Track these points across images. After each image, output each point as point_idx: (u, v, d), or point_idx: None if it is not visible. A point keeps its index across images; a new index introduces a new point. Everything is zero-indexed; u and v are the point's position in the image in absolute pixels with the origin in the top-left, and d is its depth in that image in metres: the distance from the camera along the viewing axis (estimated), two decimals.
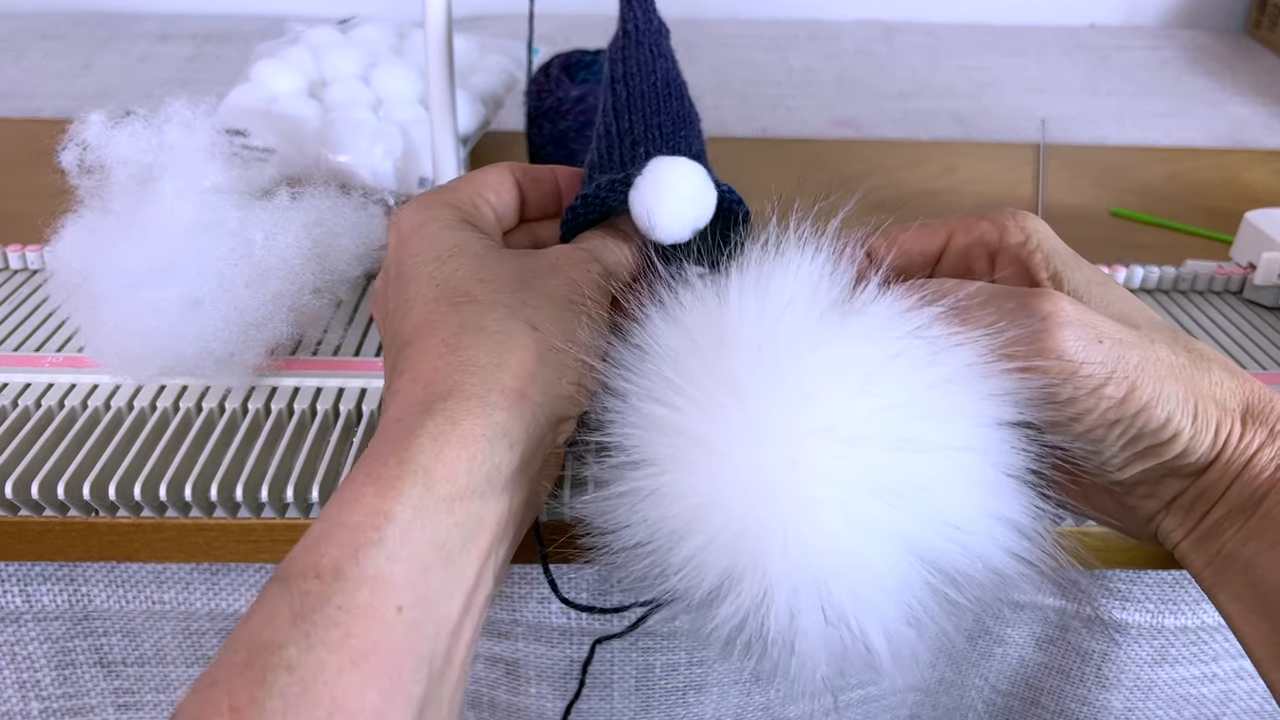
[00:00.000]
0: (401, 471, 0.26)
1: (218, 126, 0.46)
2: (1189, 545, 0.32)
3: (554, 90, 0.60)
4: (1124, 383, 0.28)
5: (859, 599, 0.26)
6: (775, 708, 0.50)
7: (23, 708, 0.47)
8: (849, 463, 0.26)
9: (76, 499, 0.38)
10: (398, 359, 0.31)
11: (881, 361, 0.27)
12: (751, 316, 0.28)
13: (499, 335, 0.29)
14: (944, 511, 0.26)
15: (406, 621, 0.25)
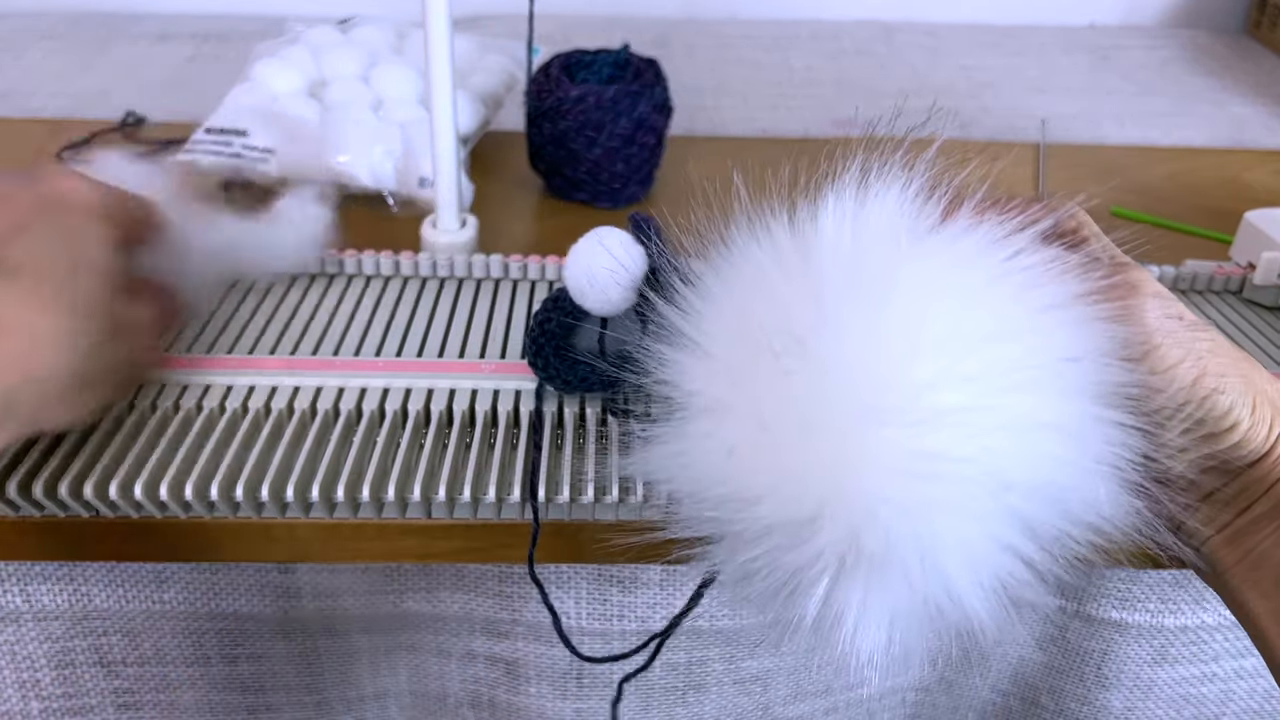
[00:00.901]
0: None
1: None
2: (1220, 541, 0.32)
3: (554, 90, 0.60)
4: (1196, 365, 0.28)
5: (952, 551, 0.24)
6: (775, 708, 0.50)
7: (23, 707, 0.47)
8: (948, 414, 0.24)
9: (78, 498, 0.38)
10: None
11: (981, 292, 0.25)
12: (842, 250, 0.25)
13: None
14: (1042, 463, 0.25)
15: None
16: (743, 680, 0.48)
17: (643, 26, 0.96)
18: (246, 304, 0.48)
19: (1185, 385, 0.28)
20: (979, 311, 0.25)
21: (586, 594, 0.45)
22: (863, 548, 0.24)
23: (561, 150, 0.61)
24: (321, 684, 0.48)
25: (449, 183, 0.52)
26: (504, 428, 0.41)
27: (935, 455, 0.24)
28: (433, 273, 0.51)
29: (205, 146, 0.62)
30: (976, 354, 0.25)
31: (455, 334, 0.46)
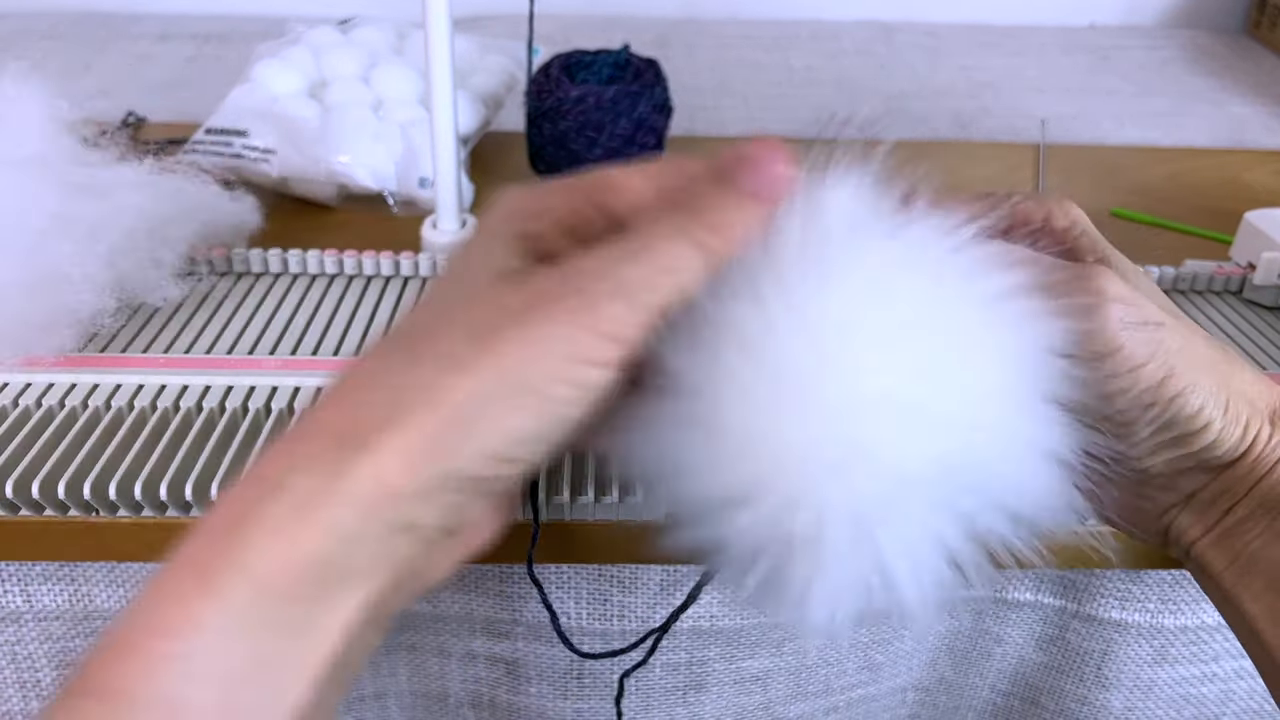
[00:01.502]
0: (227, 564, 0.22)
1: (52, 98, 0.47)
2: (1208, 543, 0.31)
3: (554, 90, 0.60)
4: (1163, 366, 0.28)
5: (895, 523, 0.24)
6: (776, 707, 0.50)
7: (23, 707, 0.47)
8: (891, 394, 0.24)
9: (77, 498, 0.38)
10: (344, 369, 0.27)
11: (924, 284, 0.25)
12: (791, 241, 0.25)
13: (395, 405, 0.23)
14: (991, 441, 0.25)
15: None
16: (743, 680, 0.48)
17: (643, 27, 0.96)
18: (246, 304, 0.48)
19: (1152, 385, 0.28)
20: (918, 302, 0.25)
21: (586, 594, 0.45)
22: (795, 529, 0.24)
23: (561, 151, 0.61)
24: None
25: (449, 183, 0.53)
26: None
27: (867, 443, 0.24)
28: (433, 273, 0.51)
29: (206, 147, 0.62)
30: (913, 344, 0.24)
31: None
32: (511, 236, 0.26)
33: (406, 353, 0.24)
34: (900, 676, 0.50)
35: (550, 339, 0.23)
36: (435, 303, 0.26)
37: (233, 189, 0.52)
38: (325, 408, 0.24)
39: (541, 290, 0.24)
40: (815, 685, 0.49)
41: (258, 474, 0.24)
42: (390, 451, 0.23)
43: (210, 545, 0.23)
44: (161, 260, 0.47)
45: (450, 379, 0.23)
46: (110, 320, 0.45)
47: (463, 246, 0.28)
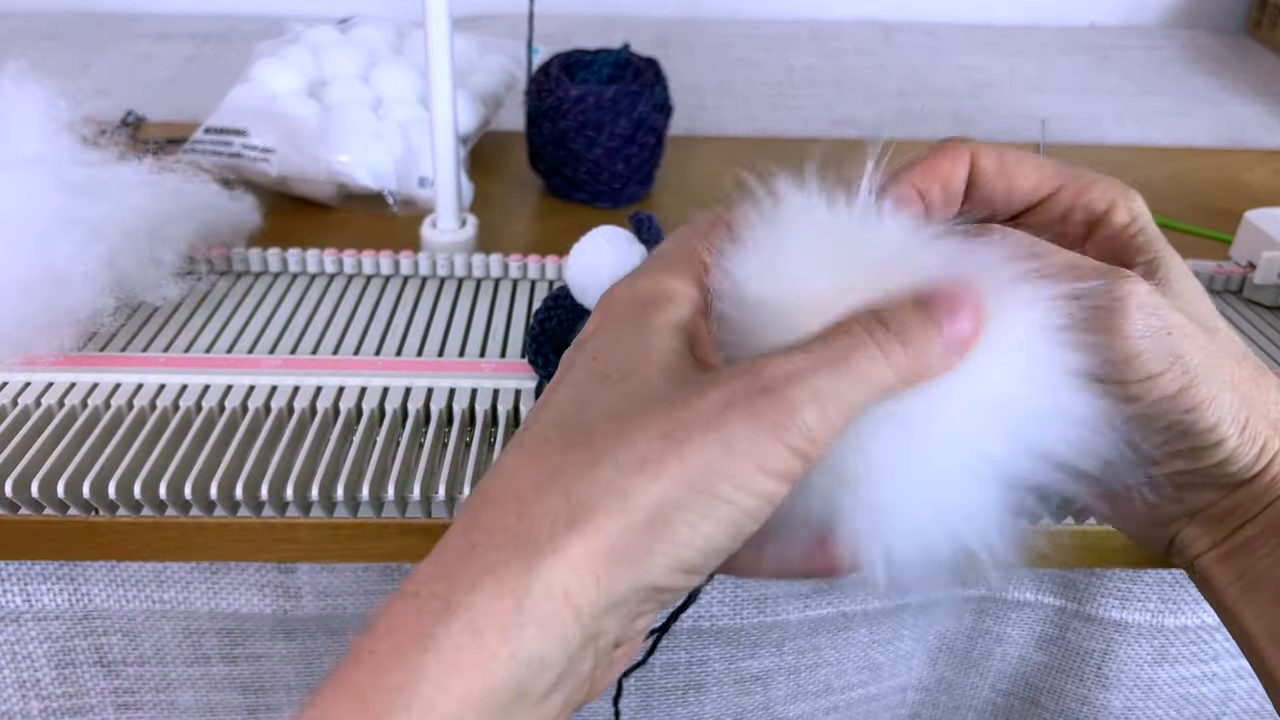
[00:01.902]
0: (393, 703, 0.20)
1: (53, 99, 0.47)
2: (1215, 559, 0.31)
3: (554, 90, 0.60)
4: (1180, 378, 0.28)
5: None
6: (776, 707, 0.50)
7: (23, 707, 0.47)
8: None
9: (76, 498, 0.38)
10: (486, 476, 0.24)
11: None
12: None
13: (578, 508, 0.22)
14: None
15: None
16: (743, 680, 0.48)
17: (643, 26, 0.96)
18: (246, 303, 0.48)
19: (1167, 395, 0.28)
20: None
21: None
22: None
23: (561, 150, 0.61)
24: None
25: (449, 182, 0.52)
26: (504, 427, 0.41)
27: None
28: (432, 272, 0.51)
29: (205, 146, 0.62)
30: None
31: (455, 333, 0.46)
32: (676, 324, 0.25)
33: (581, 451, 0.22)
34: (900, 676, 0.50)
35: (745, 446, 0.22)
36: (592, 397, 0.24)
37: (232, 188, 0.52)
38: (489, 509, 0.22)
39: (733, 393, 0.22)
40: (815, 685, 0.49)
41: (421, 589, 0.22)
42: (579, 560, 0.21)
43: (373, 674, 0.20)
44: (161, 259, 0.47)
45: (640, 482, 0.22)
46: (110, 319, 0.45)
47: (610, 328, 0.26)
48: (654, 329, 0.25)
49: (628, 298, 0.26)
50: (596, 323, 0.26)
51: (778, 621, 0.45)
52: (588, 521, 0.21)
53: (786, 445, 0.22)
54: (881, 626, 0.47)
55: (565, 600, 0.21)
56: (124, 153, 0.49)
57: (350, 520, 0.39)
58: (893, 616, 0.47)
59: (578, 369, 0.25)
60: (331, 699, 0.21)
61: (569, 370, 0.25)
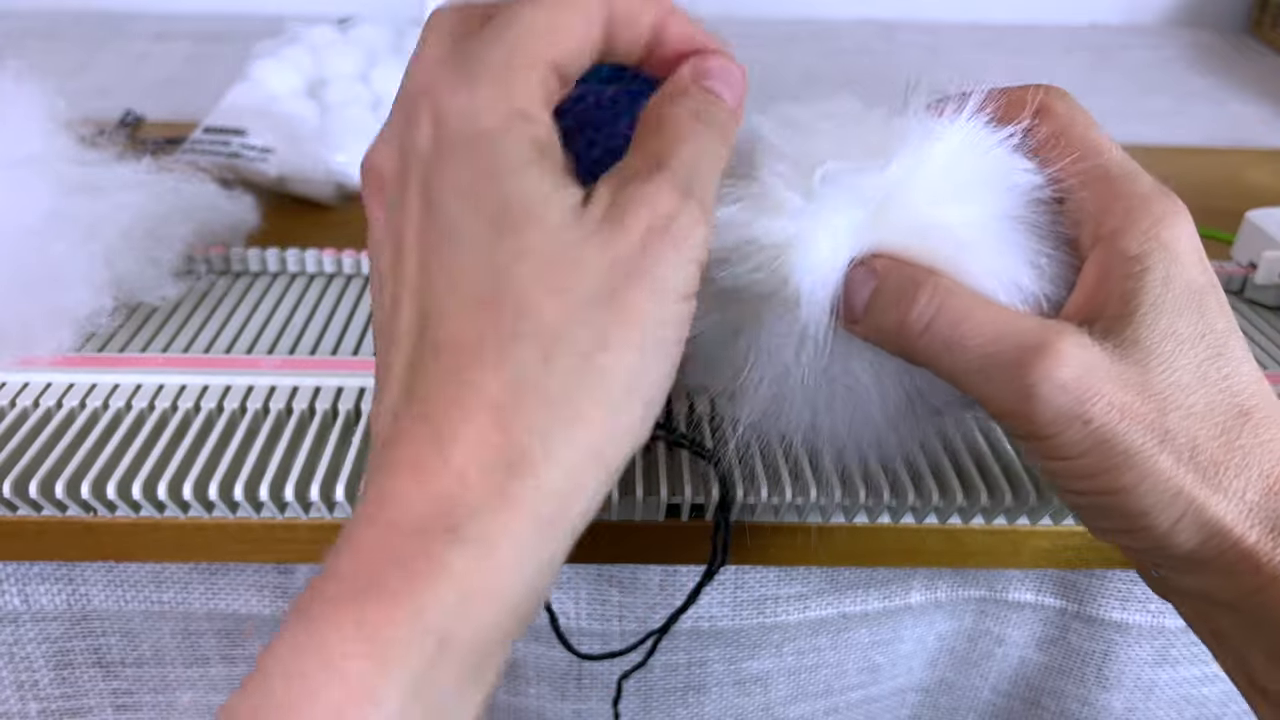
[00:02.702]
0: (409, 635, 0.19)
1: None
2: (1189, 613, 0.28)
3: None
4: (1099, 467, 0.25)
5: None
6: (776, 709, 0.50)
7: (21, 708, 0.47)
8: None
9: (75, 498, 0.38)
10: (419, 378, 0.22)
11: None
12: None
13: (563, 405, 0.21)
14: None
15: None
16: (743, 681, 0.48)
17: None
18: (245, 303, 0.48)
19: (1082, 478, 0.25)
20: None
21: (586, 594, 0.45)
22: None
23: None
24: None
25: None
26: None
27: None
28: None
29: (204, 146, 0.62)
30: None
31: None
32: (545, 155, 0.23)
33: (535, 342, 0.21)
34: (901, 678, 0.50)
35: (670, 279, 0.22)
36: (498, 257, 0.22)
37: (231, 188, 0.52)
38: (464, 423, 0.21)
39: (649, 230, 0.22)
40: (816, 686, 0.49)
41: (409, 520, 0.20)
42: (580, 457, 0.21)
43: (382, 607, 0.19)
44: (159, 259, 0.47)
45: (609, 361, 0.21)
46: (108, 320, 0.45)
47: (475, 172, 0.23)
48: (521, 155, 0.23)
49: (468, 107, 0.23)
50: (433, 128, 0.24)
51: (778, 623, 0.45)
52: (577, 419, 0.21)
53: (696, 262, 0.23)
54: (882, 628, 0.47)
55: (574, 498, 0.21)
56: (122, 152, 0.49)
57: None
58: (893, 617, 0.47)
59: (453, 217, 0.22)
60: (333, 631, 0.19)
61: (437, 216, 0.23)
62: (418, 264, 0.23)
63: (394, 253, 0.24)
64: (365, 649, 0.19)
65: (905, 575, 0.45)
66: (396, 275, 0.23)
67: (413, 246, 0.23)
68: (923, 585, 0.45)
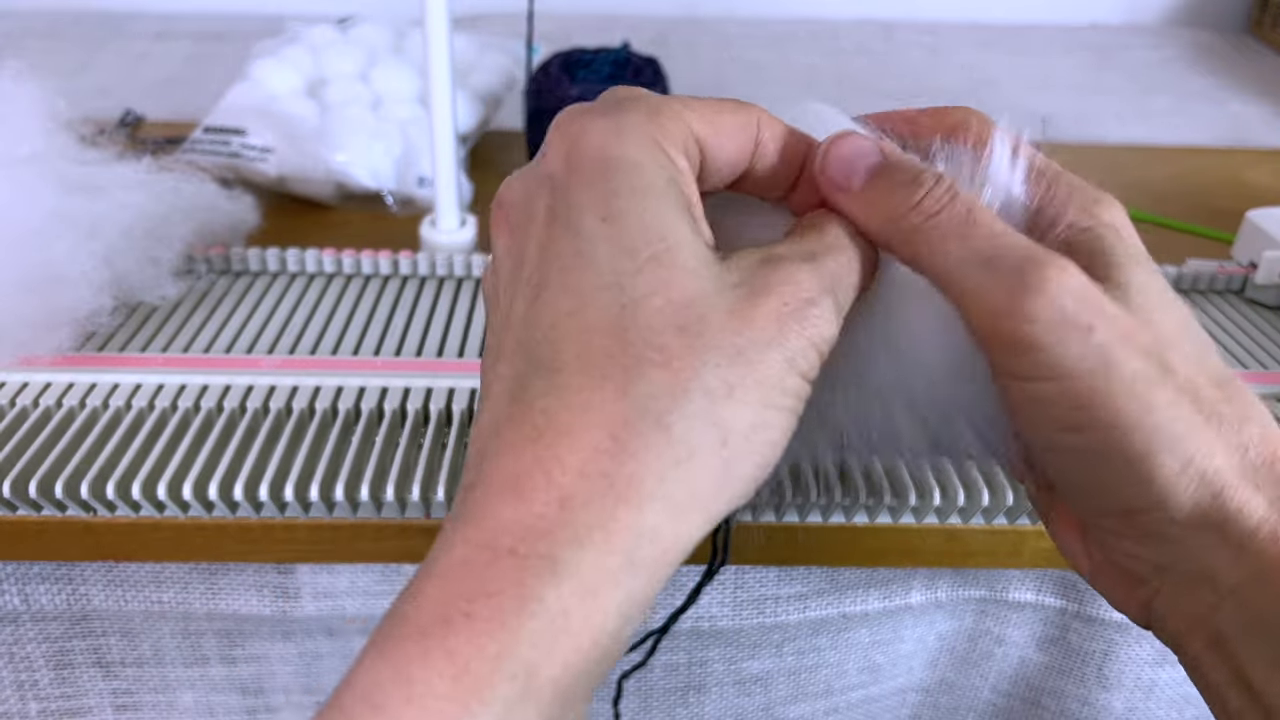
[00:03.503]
0: (496, 670, 0.18)
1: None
2: (1199, 645, 0.24)
3: (554, 89, 0.60)
4: (1100, 392, 0.22)
5: None
6: (776, 709, 0.50)
7: (20, 708, 0.47)
8: None
9: (74, 498, 0.38)
10: (519, 392, 0.21)
11: None
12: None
13: (680, 445, 0.20)
14: None
15: None
16: (743, 681, 0.48)
17: (642, 25, 0.96)
18: (245, 303, 0.48)
19: (1074, 404, 0.22)
20: None
21: None
22: None
23: None
24: (321, 685, 0.48)
25: (448, 182, 0.52)
26: None
27: None
28: (432, 272, 0.51)
29: (204, 145, 0.62)
30: None
31: (454, 333, 0.46)
32: (688, 202, 0.23)
33: (662, 374, 0.20)
34: (901, 678, 0.50)
35: (798, 357, 0.22)
36: (631, 284, 0.21)
37: (231, 188, 0.52)
38: (574, 446, 0.20)
39: (784, 306, 0.22)
40: (816, 686, 0.49)
41: (520, 547, 0.19)
42: (685, 501, 0.20)
43: (471, 639, 0.18)
44: (159, 259, 0.47)
45: (732, 410, 0.21)
46: (108, 319, 0.45)
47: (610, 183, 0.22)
48: (668, 192, 0.22)
49: (613, 138, 0.22)
50: (566, 160, 0.22)
51: (778, 623, 0.45)
52: (692, 460, 0.20)
53: (819, 350, 0.23)
54: (882, 628, 0.47)
55: (672, 544, 0.20)
56: (122, 152, 0.49)
57: (349, 521, 0.39)
58: (893, 617, 0.47)
59: (587, 237, 0.21)
60: (420, 662, 0.18)
61: (570, 233, 0.22)
62: (539, 279, 0.22)
63: (514, 267, 0.23)
64: (449, 687, 0.18)
65: (905, 575, 0.45)
66: (513, 289, 0.23)
67: (534, 261, 0.22)
68: (923, 585, 0.45)
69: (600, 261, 0.21)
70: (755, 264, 0.23)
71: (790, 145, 0.25)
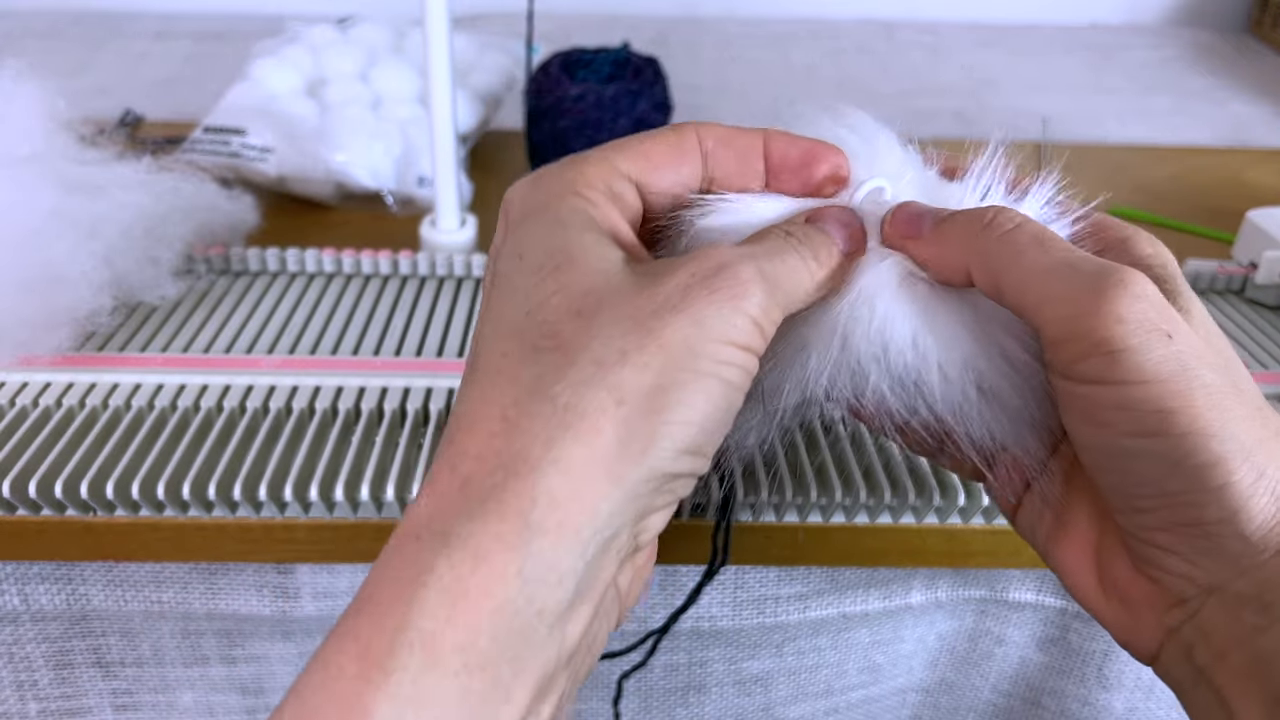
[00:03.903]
0: (394, 642, 0.19)
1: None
2: (1234, 673, 0.23)
3: (554, 89, 0.60)
4: (1180, 395, 0.22)
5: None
6: (776, 709, 0.50)
7: (20, 708, 0.47)
8: None
9: (74, 498, 0.38)
10: (455, 407, 0.23)
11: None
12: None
13: (567, 411, 0.21)
14: None
15: None
16: (743, 681, 0.48)
17: (642, 25, 0.96)
18: (244, 303, 0.48)
19: (1154, 411, 0.22)
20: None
21: None
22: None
23: (561, 149, 0.61)
24: None
25: (448, 182, 0.52)
26: None
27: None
28: (431, 272, 0.51)
29: (204, 145, 0.61)
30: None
31: (454, 333, 0.46)
32: (592, 217, 0.25)
33: (551, 355, 0.22)
34: (901, 678, 0.50)
35: (713, 321, 0.22)
36: (536, 295, 0.23)
37: (231, 187, 0.52)
38: (473, 435, 0.22)
39: (691, 275, 0.23)
40: (816, 686, 0.49)
41: (421, 531, 0.21)
42: (582, 465, 0.21)
43: (372, 618, 0.20)
44: (159, 259, 0.46)
45: (627, 373, 0.21)
46: (107, 319, 0.45)
47: (524, 225, 0.25)
48: (573, 219, 0.24)
49: (530, 194, 0.26)
50: (504, 228, 0.26)
51: (778, 623, 0.45)
52: (582, 423, 0.21)
53: (747, 315, 0.23)
54: (882, 628, 0.47)
55: (575, 507, 0.21)
56: (122, 152, 0.49)
57: (349, 520, 0.39)
58: (893, 617, 0.47)
59: (505, 274, 0.24)
60: (334, 650, 0.20)
61: (496, 280, 0.25)
62: (485, 302, 0.25)
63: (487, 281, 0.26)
64: (356, 666, 0.19)
65: (905, 575, 0.45)
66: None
67: (487, 286, 0.25)
68: (923, 585, 0.45)
69: (515, 286, 0.24)
70: (674, 256, 0.24)
71: (743, 141, 0.27)
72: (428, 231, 0.54)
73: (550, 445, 0.21)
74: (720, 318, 0.22)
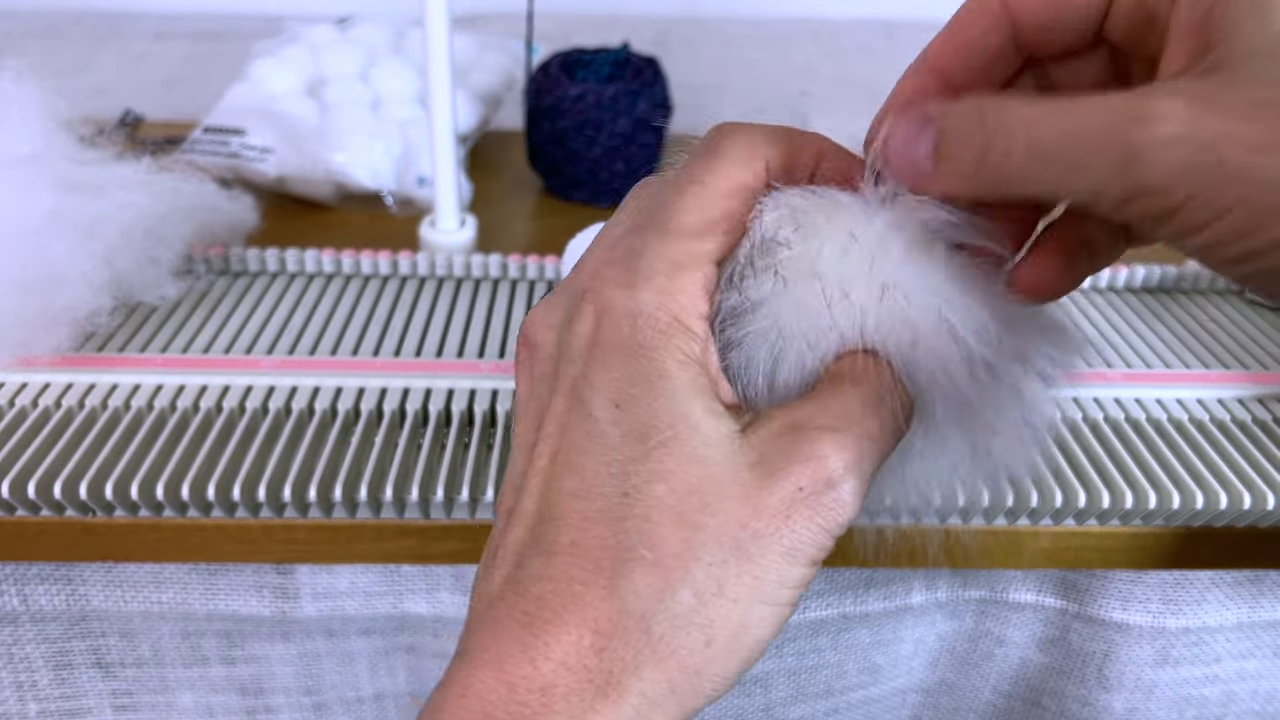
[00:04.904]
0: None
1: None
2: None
3: (553, 89, 0.60)
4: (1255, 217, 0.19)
5: None
6: (776, 709, 0.50)
7: (20, 709, 0.47)
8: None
9: (73, 499, 0.38)
10: (517, 570, 0.22)
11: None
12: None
13: (661, 643, 0.21)
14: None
15: None
16: (743, 681, 0.48)
17: (642, 25, 0.96)
18: (244, 303, 0.48)
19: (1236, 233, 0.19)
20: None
21: None
22: None
23: (561, 149, 0.61)
24: (320, 686, 0.48)
25: (448, 182, 0.52)
26: (502, 427, 0.41)
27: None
28: (431, 272, 0.51)
29: (203, 146, 0.61)
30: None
31: (454, 334, 0.46)
32: (698, 361, 0.23)
33: (650, 574, 0.21)
34: (901, 678, 0.50)
35: (806, 546, 0.21)
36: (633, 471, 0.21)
37: (230, 188, 0.52)
38: (559, 640, 0.21)
39: (799, 491, 0.21)
40: (816, 687, 0.49)
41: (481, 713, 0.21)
42: (661, 694, 0.21)
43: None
44: (159, 259, 0.46)
45: (721, 610, 0.21)
46: (107, 319, 0.45)
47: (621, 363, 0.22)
48: (681, 376, 0.22)
49: (632, 320, 0.22)
50: (591, 323, 0.23)
51: None
52: (672, 658, 0.21)
53: (830, 534, 0.22)
54: (882, 628, 0.47)
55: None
56: (122, 152, 0.49)
57: (348, 521, 0.39)
58: (893, 618, 0.47)
59: (595, 417, 0.22)
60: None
61: (578, 407, 0.22)
62: (550, 454, 0.23)
63: (533, 432, 0.24)
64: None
65: (905, 576, 0.45)
66: (531, 457, 0.23)
67: (550, 435, 0.23)
68: (923, 586, 0.45)
69: (610, 446, 0.22)
70: (775, 435, 0.22)
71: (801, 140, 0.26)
72: (427, 232, 0.54)
73: (641, 678, 0.21)
74: (814, 543, 0.22)
